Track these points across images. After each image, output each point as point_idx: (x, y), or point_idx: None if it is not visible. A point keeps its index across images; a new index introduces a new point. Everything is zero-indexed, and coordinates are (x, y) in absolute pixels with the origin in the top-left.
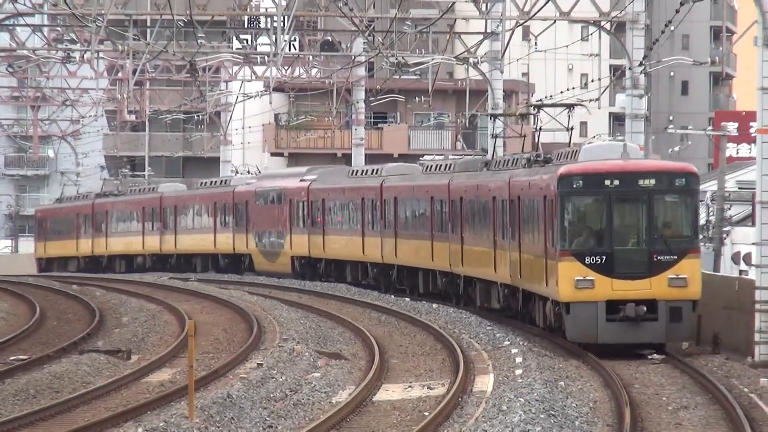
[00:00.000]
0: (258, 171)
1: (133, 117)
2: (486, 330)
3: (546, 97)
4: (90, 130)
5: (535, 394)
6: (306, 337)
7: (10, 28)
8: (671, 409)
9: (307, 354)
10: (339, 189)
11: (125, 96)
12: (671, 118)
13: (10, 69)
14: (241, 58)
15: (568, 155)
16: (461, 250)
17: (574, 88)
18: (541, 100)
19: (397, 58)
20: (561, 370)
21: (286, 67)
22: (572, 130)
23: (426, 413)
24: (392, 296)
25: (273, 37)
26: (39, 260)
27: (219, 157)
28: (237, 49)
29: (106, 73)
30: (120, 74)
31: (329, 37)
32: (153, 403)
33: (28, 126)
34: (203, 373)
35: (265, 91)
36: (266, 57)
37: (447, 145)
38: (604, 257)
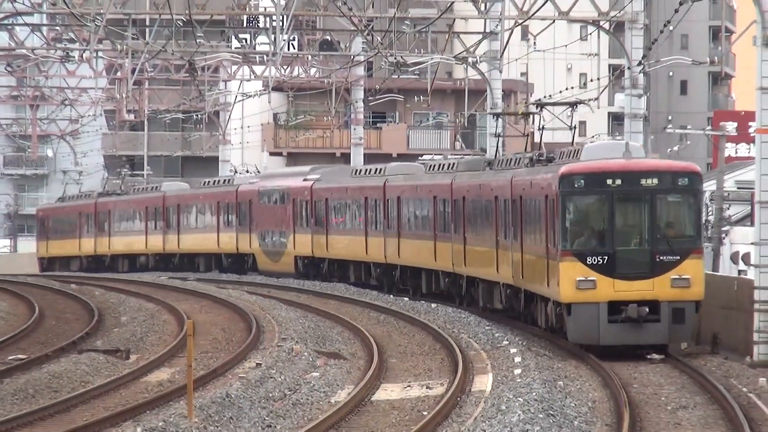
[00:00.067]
0: (257, 170)
1: (131, 116)
2: (485, 330)
3: (545, 97)
4: (89, 130)
5: (534, 394)
6: (305, 336)
7: (9, 27)
8: (670, 409)
9: (305, 353)
10: (342, 188)
11: (124, 95)
12: (670, 117)
13: (8, 68)
14: (240, 57)
15: (570, 154)
16: (464, 250)
17: (573, 88)
18: (540, 99)
19: (396, 58)
20: (560, 369)
21: (285, 67)
22: (575, 129)
23: (425, 413)
24: (391, 296)
25: (272, 36)
26: (41, 260)
27: (218, 157)
28: (236, 48)
29: (104, 73)
30: (119, 74)
31: (328, 37)
32: (152, 402)
33: (27, 125)
34: (202, 373)
35: (264, 90)
36: (265, 56)
37: (446, 145)
38: (605, 257)
